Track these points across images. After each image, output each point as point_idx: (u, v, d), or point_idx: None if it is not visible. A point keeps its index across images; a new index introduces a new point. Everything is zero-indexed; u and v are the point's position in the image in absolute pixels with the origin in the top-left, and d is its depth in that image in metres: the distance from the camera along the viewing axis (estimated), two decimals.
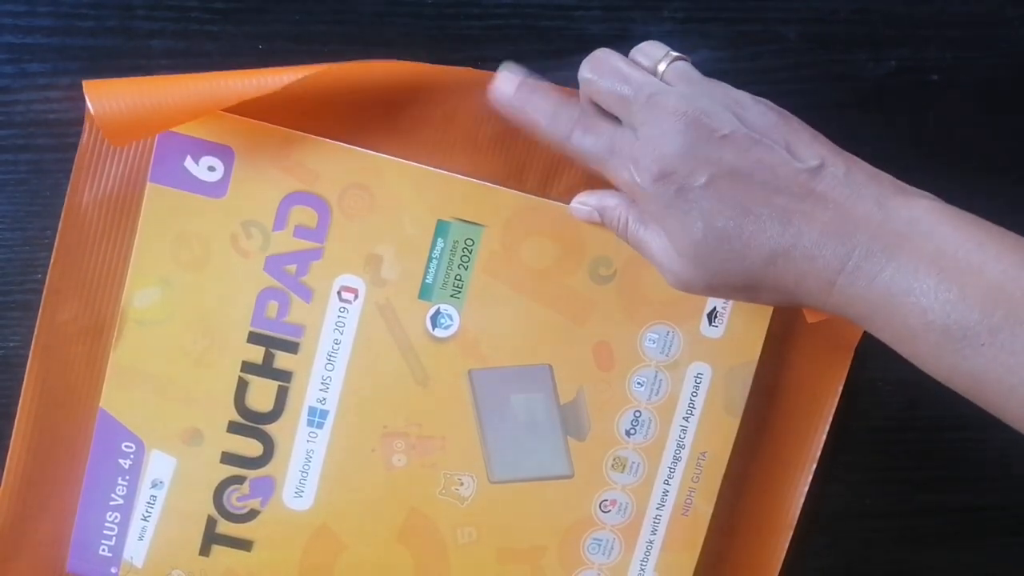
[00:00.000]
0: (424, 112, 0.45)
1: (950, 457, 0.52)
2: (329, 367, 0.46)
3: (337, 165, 0.44)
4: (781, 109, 0.39)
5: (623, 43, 0.42)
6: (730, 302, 0.47)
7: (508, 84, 0.42)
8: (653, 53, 0.41)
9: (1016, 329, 0.34)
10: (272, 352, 0.46)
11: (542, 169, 0.46)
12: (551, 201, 0.46)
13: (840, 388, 0.48)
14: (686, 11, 0.47)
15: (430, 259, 0.46)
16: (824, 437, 0.49)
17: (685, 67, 0.40)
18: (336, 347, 0.46)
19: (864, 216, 0.36)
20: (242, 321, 0.45)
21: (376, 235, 0.45)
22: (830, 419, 0.49)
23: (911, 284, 0.35)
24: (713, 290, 0.40)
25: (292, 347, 0.46)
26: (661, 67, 0.40)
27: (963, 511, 0.52)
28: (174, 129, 0.43)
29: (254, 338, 0.45)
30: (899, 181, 0.38)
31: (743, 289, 0.39)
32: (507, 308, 0.46)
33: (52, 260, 0.45)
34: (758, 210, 0.37)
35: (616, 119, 0.40)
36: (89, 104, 0.41)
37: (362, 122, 0.45)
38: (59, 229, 0.44)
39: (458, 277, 0.46)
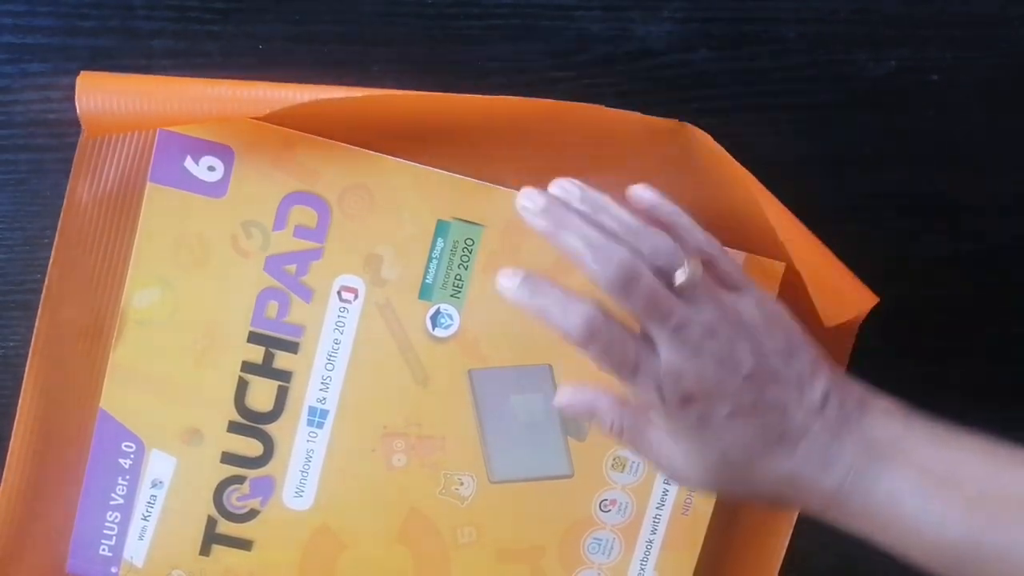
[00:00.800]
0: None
1: None
2: (329, 367, 0.46)
3: (337, 165, 0.44)
4: (789, 322, 0.42)
5: (623, 43, 0.43)
6: None
7: (509, 280, 0.40)
8: (672, 261, 0.40)
9: (997, 537, 0.38)
10: (272, 352, 0.46)
11: None
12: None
13: None
14: (686, 11, 0.47)
15: (430, 259, 0.46)
16: None
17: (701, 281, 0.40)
18: (336, 347, 0.46)
19: (852, 444, 0.40)
20: (242, 321, 0.45)
21: (376, 235, 0.45)
22: None
23: (899, 503, 0.39)
24: (714, 493, 0.46)
25: (292, 347, 0.46)
26: (679, 278, 0.40)
27: None
28: (174, 129, 0.43)
29: (254, 338, 0.45)
30: (871, 393, 0.42)
31: (745, 499, 0.44)
32: (507, 308, 0.46)
33: (51, 260, 0.45)
34: (770, 446, 0.40)
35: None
36: (77, 95, 0.41)
37: (363, 121, 0.45)
38: (58, 229, 0.44)
39: (458, 277, 0.46)
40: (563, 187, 0.41)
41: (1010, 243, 0.51)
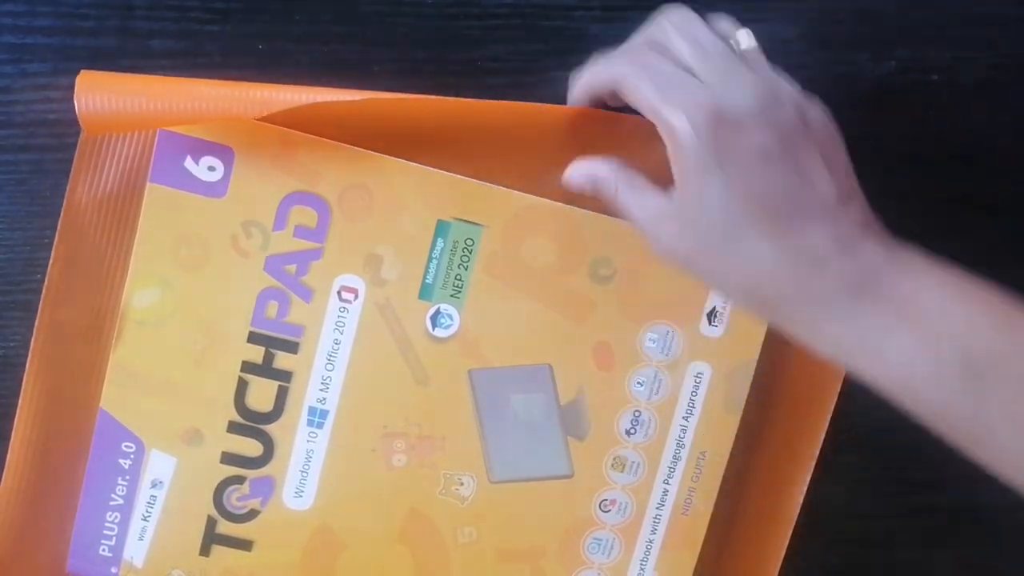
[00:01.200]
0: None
1: (949, 457, 0.51)
2: (329, 367, 0.46)
3: (337, 165, 0.44)
4: (835, 127, 0.39)
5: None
6: (730, 302, 0.47)
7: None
8: (729, 30, 0.40)
9: (999, 387, 0.34)
10: (272, 352, 0.46)
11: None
12: (551, 201, 0.46)
13: (839, 386, 0.48)
14: None
15: (430, 259, 0.46)
16: (823, 435, 0.49)
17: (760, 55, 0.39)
18: (336, 347, 0.46)
19: (864, 263, 0.36)
20: (242, 321, 0.45)
21: (376, 235, 0.45)
22: (829, 417, 0.48)
23: (894, 337, 0.36)
24: (689, 264, 0.39)
25: (292, 347, 0.46)
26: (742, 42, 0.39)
27: (962, 511, 0.53)
28: (174, 129, 0.43)
29: (254, 338, 0.45)
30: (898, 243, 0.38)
31: (723, 284, 0.39)
32: (507, 308, 0.46)
33: (51, 260, 0.45)
34: (779, 211, 0.36)
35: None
36: (76, 94, 0.41)
37: (363, 123, 0.45)
38: (58, 229, 0.44)
39: (458, 277, 0.46)
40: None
41: (1011, 243, 0.51)
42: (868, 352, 0.36)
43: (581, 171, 0.42)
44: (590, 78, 0.41)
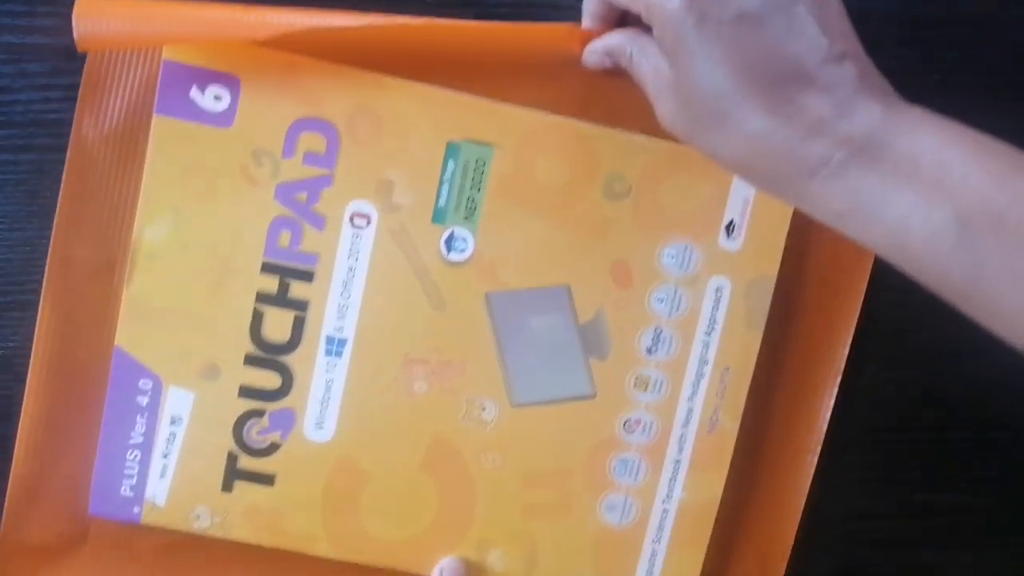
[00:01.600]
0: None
1: (950, 457, 0.52)
2: (345, 295, 0.45)
3: (343, 88, 0.44)
4: None
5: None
6: (747, 214, 0.46)
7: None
8: None
9: (993, 240, 0.33)
10: (287, 282, 0.45)
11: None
12: (562, 118, 0.45)
13: (862, 296, 0.48)
14: None
15: (442, 182, 0.45)
16: (848, 348, 0.48)
17: None
18: (351, 275, 0.45)
19: (860, 124, 0.35)
20: (255, 251, 0.45)
21: (386, 160, 0.45)
22: (853, 327, 0.48)
23: (890, 195, 0.34)
24: (690, 140, 0.38)
25: (307, 276, 0.45)
26: None
27: (963, 511, 0.52)
28: (178, 59, 0.43)
29: (268, 268, 0.45)
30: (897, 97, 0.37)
31: (716, 150, 0.38)
32: (522, 229, 0.46)
33: (60, 197, 0.44)
34: (762, 78, 0.35)
35: None
36: (75, 15, 0.40)
37: (368, 44, 0.44)
38: (66, 165, 0.44)
39: (471, 199, 0.45)
40: None
41: None
42: (866, 215, 0.35)
43: (597, 45, 0.42)
44: None
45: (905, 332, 0.50)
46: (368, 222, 0.45)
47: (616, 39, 0.42)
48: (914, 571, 0.53)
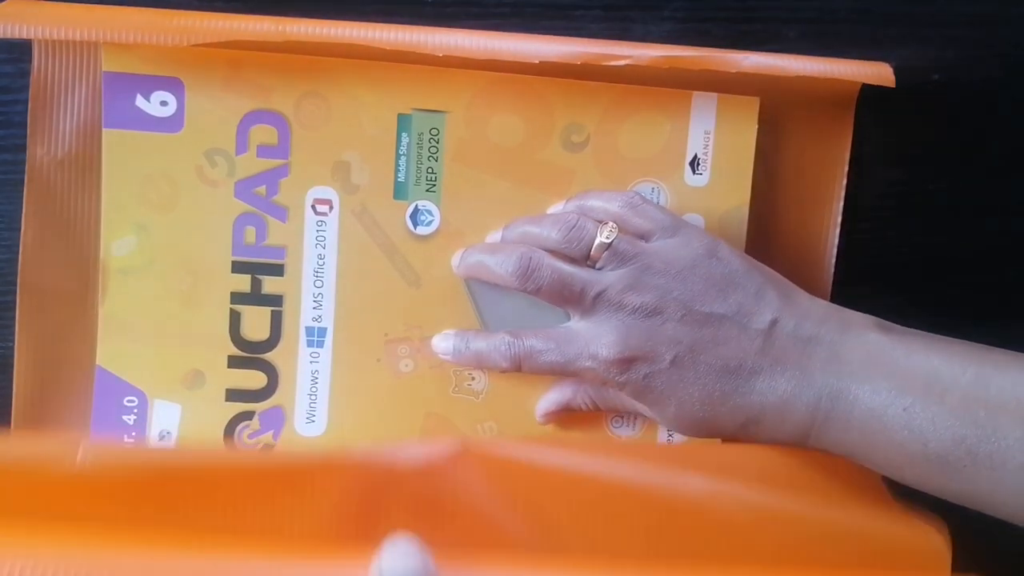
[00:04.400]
0: None
1: None
2: (319, 284, 0.45)
3: (288, 77, 0.44)
4: (727, 254, 0.42)
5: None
6: (710, 147, 0.46)
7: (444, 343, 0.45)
8: (581, 236, 0.42)
9: (992, 447, 0.36)
10: (259, 278, 0.45)
11: None
12: (511, 74, 0.45)
13: (839, 207, 0.47)
14: (686, 11, 0.47)
15: (398, 156, 0.45)
16: (832, 267, 0.47)
17: (622, 242, 0.42)
18: (321, 262, 0.45)
19: (821, 367, 0.39)
20: (223, 252, 0.45)
21: (339, 142, 0.45)
22: (835, 244, 0.47)
23: (882, 419, 0.38)
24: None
25: (277, 270, 0.45)
26: (604, 236, 0.42)
27: (963, 511, 0.51)
28: (119, 70, 0.43)
29: (238, 267, 0.45)
30: (841, 310, 0.41)
31: (725, 438, 0.42)
32: (485, 193, 0.45)
33: (23, 229, 0.44)
34: (724, 387, 0.40)
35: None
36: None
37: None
38: (24, 198, 0.44)
39: (430, 170, 0.45)
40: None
41: (1011, 243, 0.50)
42: (868, 453, 0.39)
43: (550, 403, 0.45)
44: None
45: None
46: (331, 207, 0.45)
47: (568, 391, 0.45)
48: None
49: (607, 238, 0.41)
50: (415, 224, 0.45)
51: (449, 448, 0.38)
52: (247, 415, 0.45)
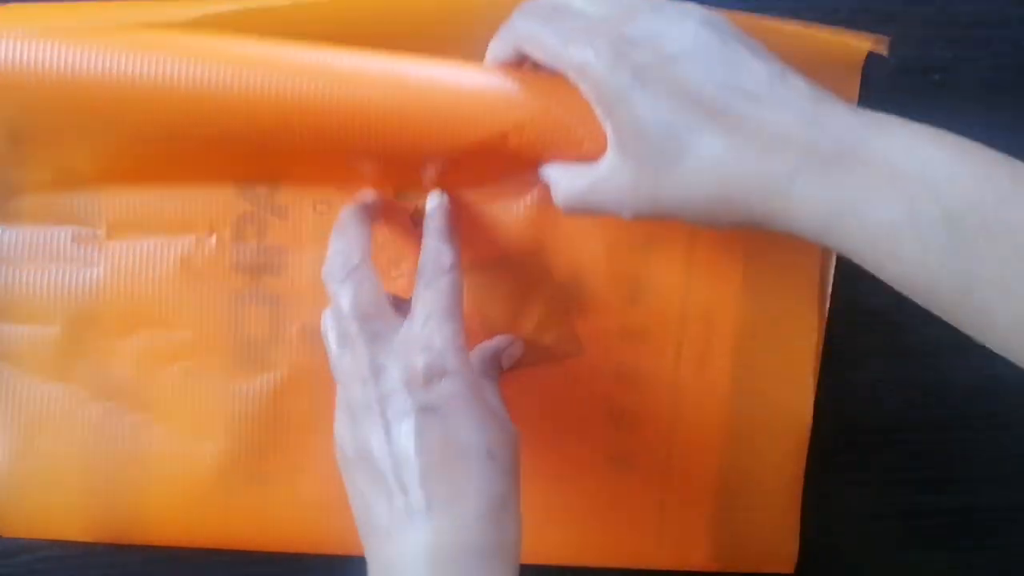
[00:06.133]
0: None
1: (950, 457, 0.51)
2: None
3: None
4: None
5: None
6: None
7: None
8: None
9: (985, 243, 0.31)
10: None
11: None
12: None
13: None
14: None
15: None
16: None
17: None
18: None
19: (831, 130, 0.34)
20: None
21: None
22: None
23: (875, 197, 0.32)
24: (654, 202, 0.36)
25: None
26: None
27: (963, 511, 0.52)
28: None
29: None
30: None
31: (682, 195, 0.36)
32: None
33: None
34: (712, 107, 0.34)
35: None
36: None
37: None
38: None
39: None
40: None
41: None
42: (850, 222, 0.33)
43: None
44: (498, 50, 0.40)
45: (904, 326, 0.49)
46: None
47: (552, 170, 0.40)
48: (914, 571, 0.52)
49: None
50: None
51: None
52: None
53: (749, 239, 0.46)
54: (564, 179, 0.39)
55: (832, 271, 0.47)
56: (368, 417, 0.36)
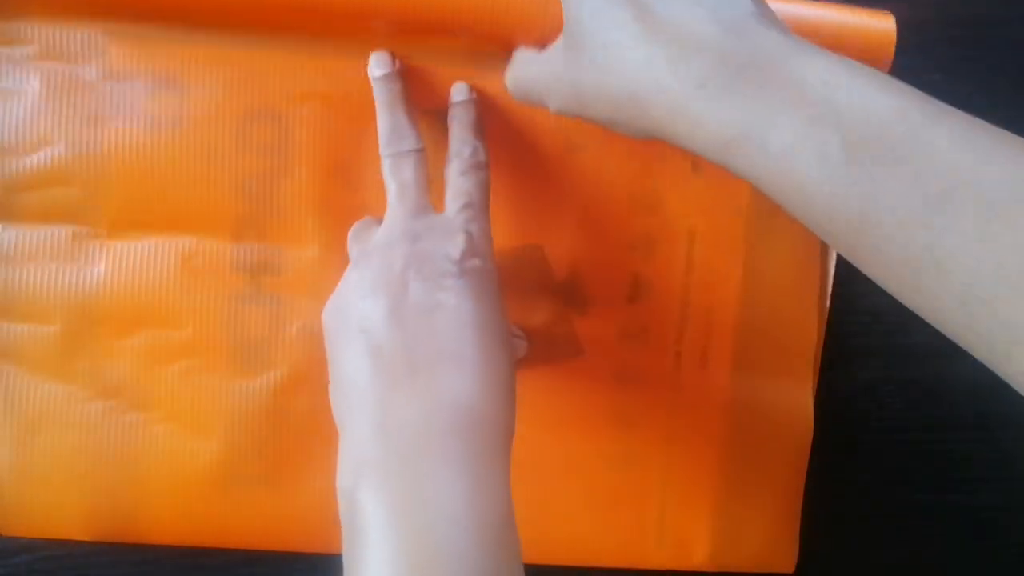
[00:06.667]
0: None
1: (950, 457, 0.51)
2: None
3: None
4: None
5: None
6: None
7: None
8: None
9: (884, 172, 0.29)
10: None
11: None
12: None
13: None
14: None
15: None
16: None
17: None
18: None
19: (748, 43, 0.32)
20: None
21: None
22: None
23: (777, 118, 0.31)
24: (578, 96, 0.36)
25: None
26: None
27: (963, 511, 0.52)
28: None
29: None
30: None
31: (602, 89, 0.35)
32: None
33: None
34: (640, 4, 0.33)
35: None
36: None
37: None
38: None
39: None
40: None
41: None
42: (752, 143, 0.31)
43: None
44: None
45: (905, 326, 0.50)
46: None
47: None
48: (914, 571, 0.52)
49: None
50: None
51: None
52: None
53: (749, 239, 0.46)
54: (517, 61, 0.41)
55: (832, 271, 0.47)
56: (391, 286, 0.36)
